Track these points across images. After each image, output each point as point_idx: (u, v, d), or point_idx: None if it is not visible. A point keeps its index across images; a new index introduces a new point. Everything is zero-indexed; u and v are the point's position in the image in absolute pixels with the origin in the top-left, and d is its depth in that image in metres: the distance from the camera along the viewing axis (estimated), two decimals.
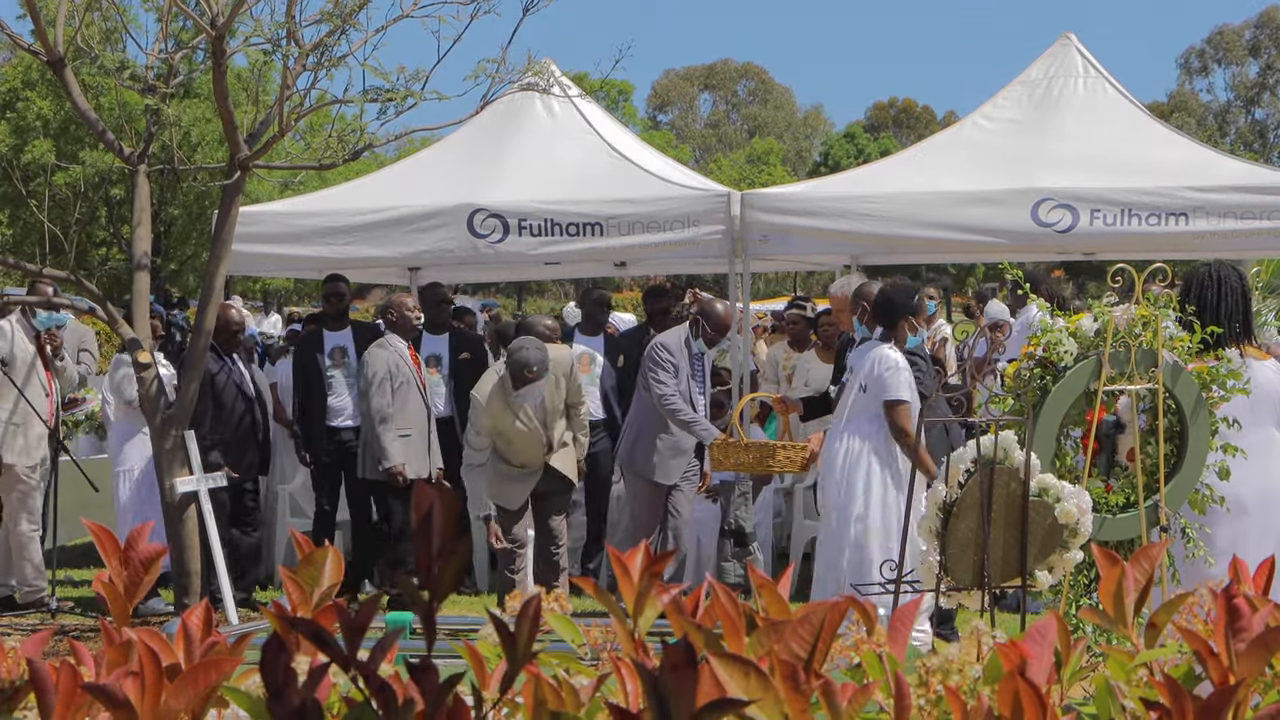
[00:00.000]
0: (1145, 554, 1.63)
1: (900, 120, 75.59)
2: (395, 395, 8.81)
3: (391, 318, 9.13)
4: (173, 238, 31.02)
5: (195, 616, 1.68)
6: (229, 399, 8.95)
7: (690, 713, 1.19)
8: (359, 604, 1.38)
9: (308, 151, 9.34)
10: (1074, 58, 10.04)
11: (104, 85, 16.07)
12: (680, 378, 8.27)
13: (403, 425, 8.83)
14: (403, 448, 8.80)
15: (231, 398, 8.97)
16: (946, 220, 9.20)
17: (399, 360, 8.92)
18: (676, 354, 8.27)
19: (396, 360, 8.90)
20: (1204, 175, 9.13)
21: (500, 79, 7.67)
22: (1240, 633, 1.34)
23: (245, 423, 9.02)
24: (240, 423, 8.99)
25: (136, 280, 7.89)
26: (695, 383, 8.38)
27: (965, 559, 5.17)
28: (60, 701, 1.45)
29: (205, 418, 8.72)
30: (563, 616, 1.76)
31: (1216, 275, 5.75)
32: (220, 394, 8.90)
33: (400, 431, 8.82)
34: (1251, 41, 76.06)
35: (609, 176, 9.73)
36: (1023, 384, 5.60)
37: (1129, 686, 1.52)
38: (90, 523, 1.95)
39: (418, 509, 1.26)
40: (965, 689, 1.46)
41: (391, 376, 8.82)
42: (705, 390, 8.50)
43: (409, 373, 8.93)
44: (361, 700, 1.31)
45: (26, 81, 29.27)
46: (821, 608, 1.39)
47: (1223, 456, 5.52)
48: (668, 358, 8.26)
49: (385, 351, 8.92)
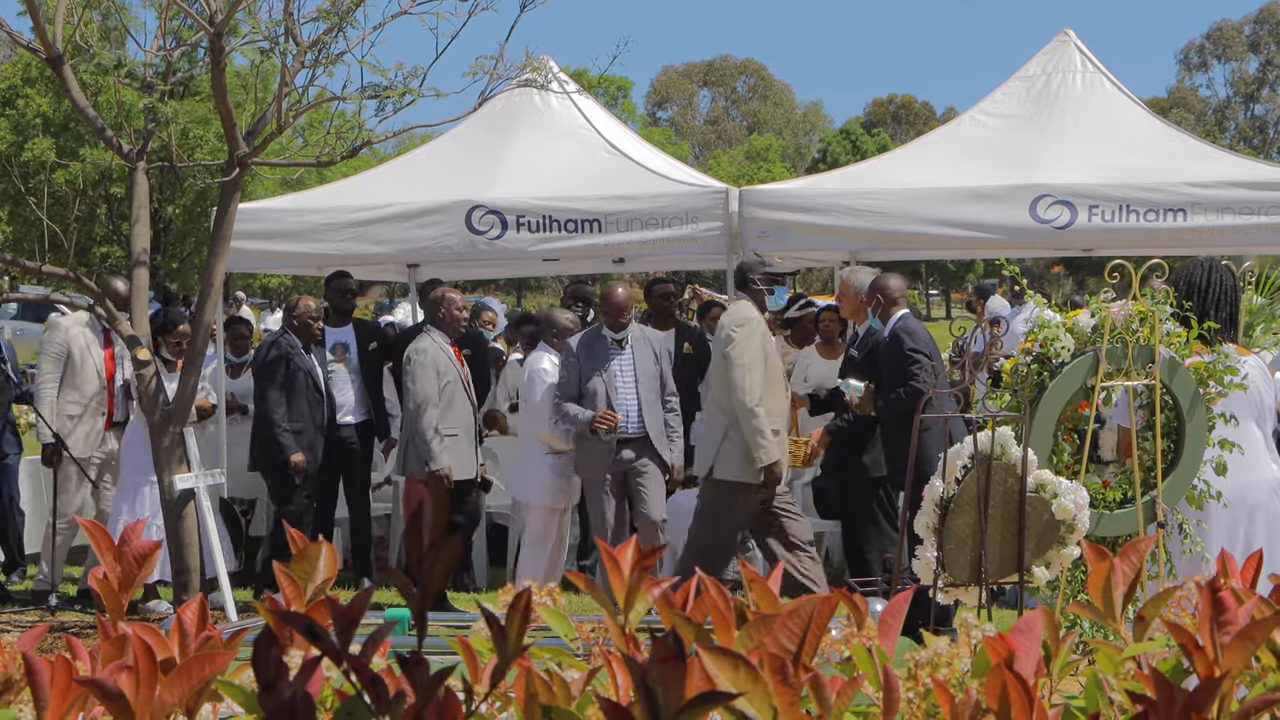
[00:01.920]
0: (1134, 548, 1.64)
1: (899, 116, 75.62)
2: (442, 395, 8.57)
3: (440, 314, 8.87)
4: (173, 235, 31.04)
5: (190, 611, 1.69)
6: (303, 390, 9.04)
7: (679, 705, 1.20)
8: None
9: (306, 148, 9.36)
10: (1072, 54, 10.04)
11: (103, 83, 16.07)
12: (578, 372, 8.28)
13: (449, 425, 8.60)
14: (449, 449, 8.56)
15: (307, 389, 9.06)
16: (945, 216, 9.21)
17: (446, 359, 8.68)
18: (580, 355, 8.31)
19: (444, 359, 8.66)
20: (1202, 171, 9.14)
21: (498, 76, 7.67)
22: (1225, 626, 1.35)
23: (317, 415, 9.13)
24: (313, 415, 9.10)
25: (135, 278, 7.89)
26: (614, 371, 8.31)
27: (963, 555, 5.18)
28: (55, 695, 1.46)
29: (279, 403, 8.87)
30: (555, 611, 1.77)
31: (1208, 267, 5.77)
32: (295, 384, 8.99)
33: (447, 432, 8.58)
34: (1251, 37, 76.06)
35: (607, 173, 9.73)
36: (1020, 380, 5.61)
37: (1117, 680, 1.54)
38: (83, 520, 1.96)
39: (408, 504, 1.27)
40: (954, 682, 1.47)
41: (439, 375, 8.59)
42: (640, 380, 8.38)
43: (456, 371, 8.72)
44: (353, 694, 1.32)
45: (26, 79, 29.29)
46: (811, 601, 1.40)
47: (1220, 452, 5.53)
48: (568, 357, 8.39)
49: (433, 349, 8.65)
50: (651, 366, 8.47)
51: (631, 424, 8.37)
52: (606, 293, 8.57)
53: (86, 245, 29.74)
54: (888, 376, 7.90)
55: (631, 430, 8.37)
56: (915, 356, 7.81)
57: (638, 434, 8.38)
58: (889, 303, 8.07)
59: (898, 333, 7.93)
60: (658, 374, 8.50)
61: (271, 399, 9.03)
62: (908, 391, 7.76)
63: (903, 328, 7.97)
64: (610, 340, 8.41)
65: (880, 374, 8.00)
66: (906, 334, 7.93)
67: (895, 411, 7.76)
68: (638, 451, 8.38)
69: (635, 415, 8.37)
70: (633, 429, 8.37)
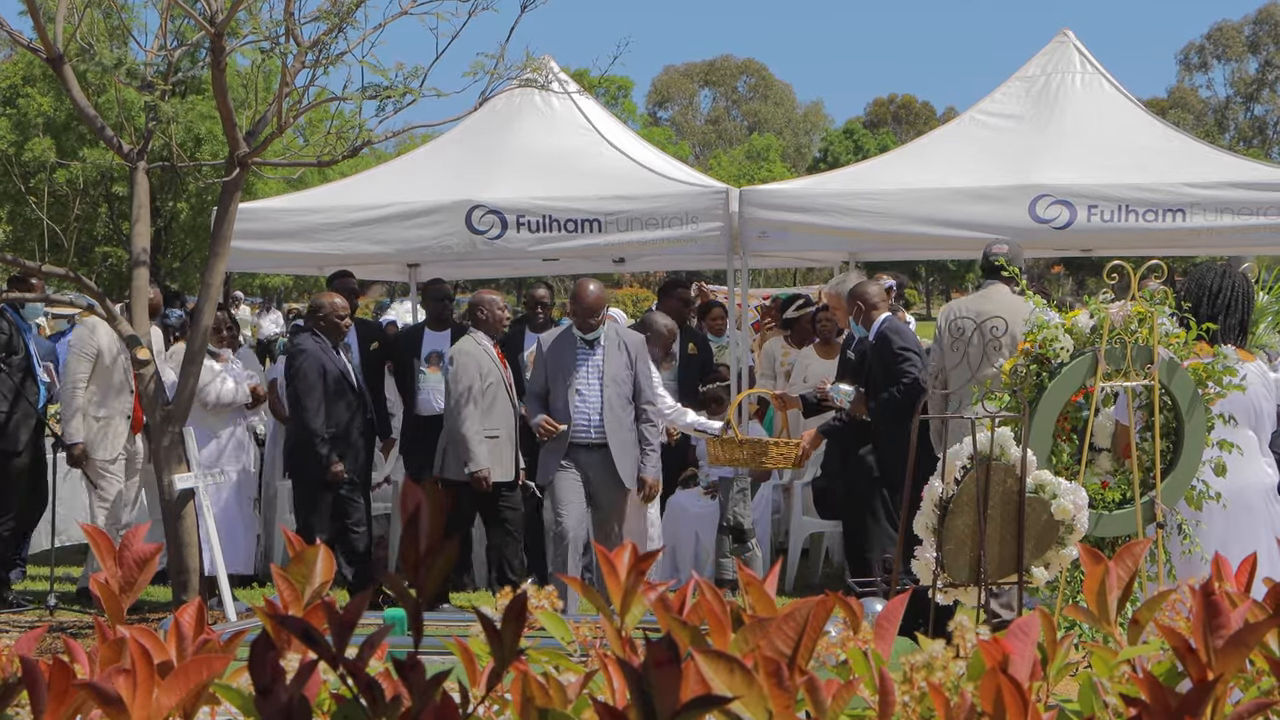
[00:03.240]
0: (1129, 551, 1.65)
1: (900, 116, 75.64)
2: (484, 396, 8.39)
3: (481, 315, 8.73)
4: (174, 233, 31.04)
5: (188, 614, 1.70)
6: (339, 392, 8.67)
7: (674, 709, 1.20)
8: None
9: (307, 148, 9.35)
10: (1071, 54, 10.05)
11: (105, 82, 16.08)
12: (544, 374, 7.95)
13: (491, 426, 8.41)
14: (489, 450, 8.40)
15: (342, 391, 8.70)
16: (944, 216, 9.21)
17: (488, 360, 8.52)
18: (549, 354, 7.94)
19: (486, 360, 8.50)
20: (1201, 171, 9.15)
21: (499, 75, 7.67)
22: (1218, 630, 1.35)
23: (354, 417, 8.78)
24: (351, 417, 8.75)
25: (135, 277, 7.89)
26: (580, 373, 7.90)
27: (962, 555, 5.18)
28: (52, 699, 1.47)
29: (317, 411, 8.51)
30: (553, 614, 1.77)
31: (1221, 272, 5.78)
32: (330, 387, 8.62)
33: (488, 433, 8.41)
34: (1251, 38, 76.09)
35: (607, 173, 9.74)
36: (1019, 380, 5.62)
37: (1111, 683, 1.54)
38: (85, 523, 1.97)
39: (405, 508, 1.28)
40: (949, 685, 1.47)
41: (481, 376, 8.40)
42: (606, 384, 7.91)
43: (499, 373, 8.53)
44: (350, 697, 1.32)
45: (27, 78, 29.29)
46: (806, 605, 1.40)
47: (1219, 453, 5.53)
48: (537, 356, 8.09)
49: (475, 350, 8.50)
50: (622, 372, 7.94)
51: (593, 429, 7.88)
52: (578, 292, 8.04)
53: (88, 245, 29.75)
54: (878, 377, 7.91)
55: (592, 436, 7.89)
56: (906, 354, 7.83)
57: (597, 440, 7.89)
58: (869, 308, 8.08)
59: (885, 333, 7.95)
60: (629, 379, 7.96)
61: (308, 406, 8.59)
62: (902, 389, 7.77)
63: (889, 328, 7.98)
64: (579, 340, 7.95)
65: (870, 376, 8.00)
66: (895, 333, 7.95)
67: (890, 411, 7.77)
68: (593, 461, 7.90)
69: (596, 421, 7.88)
70: (593, 434, 7.88)
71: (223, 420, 9.49)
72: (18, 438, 8.85)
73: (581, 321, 7.93)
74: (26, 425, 8.90)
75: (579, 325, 7.94)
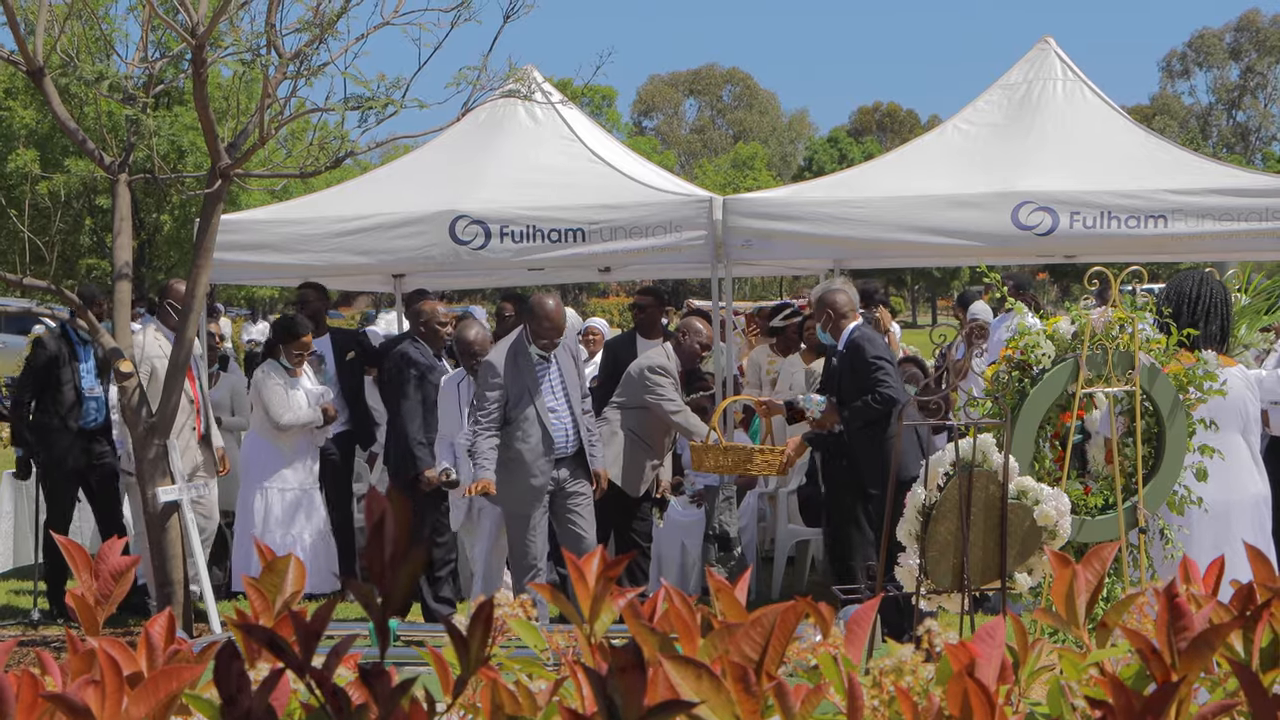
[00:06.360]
0: (1096, 555, 1.65)
1: (885, 124, 75.84)
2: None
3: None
4: (158, 246, 30.98)
5: (158, 625, 1.69)
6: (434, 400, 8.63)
7: (639, 714, 1.20)
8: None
9: (290, 159, 9.33)
10: (1053, 62, 10.09)
11: (88, 95, 16.06)
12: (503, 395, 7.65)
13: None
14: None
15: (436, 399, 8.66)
16: (928, 224, 9.23)
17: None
18: (503, 370, 7.66)
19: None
20: (1182, 178, 9.18)
21: (482, 86, 7.68)
22: (1182, 631, 1.36)
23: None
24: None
25: (118, 290, 7.87)
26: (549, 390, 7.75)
27: (945, 562, 5.19)
28: (21, 711, 1.46)
29: (418, 417, 8.50)
30: (526, 622, 1.77)
31: (1198, 279, 5.80)
32: (428, 395, 8.61)
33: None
34: (1232, 45, 76.49)
35: (591, 182, 9.73)
36: (1001, 387, 5.63)
37: (1080, 686, 1.54)
38: (60, 536, 1.96)
39: (369, 516, 1.28)
40: (917, 689, 1.48)
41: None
42: (570, 393, 7.80)
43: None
44: (318, 706, 1.32)
45: (9, 90, 29.23)
46: (774, 610, 1.40)
47: (1200, 458, 5.54)
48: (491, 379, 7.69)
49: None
50: (573, 376, 7.88)
51: (570, 444, 7.81)
52: (547, 311, 7.73)
53: (72, 257, 29.68)
54: (849, 385, 7.86)
55: (569, 449, 7.81)
56: (879, 364, 7.78)
57: (574, 451, 7.83)
58: (839, 316, 8.04)
59: (857, 341, 7.89)
60: (578, 381, 7.92)
61: (407, 412, 8.55)
62: (876, 399, 7.73)
63: (861, 336, 7.93)
64: (536, 358, 7.75)
65: (840, 385, 7.95)
66: (866, 341, 7.90)
67: (862, 419, 7.74)
68: (571, 470, 7.81)
69: (571, 434, 7.81)
70: (570, 448, 7.81)
71: (292, 440, 9.33)
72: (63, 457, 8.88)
73: (550, 341, 7.72)
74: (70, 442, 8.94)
75: (546, 345, 7.72)
